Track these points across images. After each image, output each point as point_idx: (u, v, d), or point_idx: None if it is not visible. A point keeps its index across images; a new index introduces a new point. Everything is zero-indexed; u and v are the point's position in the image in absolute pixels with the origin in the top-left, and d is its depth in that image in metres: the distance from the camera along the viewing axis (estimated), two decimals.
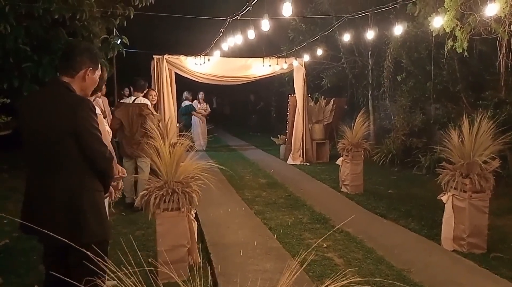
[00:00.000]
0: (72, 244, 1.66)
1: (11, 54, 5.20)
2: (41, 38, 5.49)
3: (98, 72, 2.36)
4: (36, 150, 2.22)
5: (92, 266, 1.60)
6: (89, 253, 1.94)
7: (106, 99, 6.76)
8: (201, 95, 11.89)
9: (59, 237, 2.07)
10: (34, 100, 2.32)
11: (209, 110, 12.23)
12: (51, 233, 1.74)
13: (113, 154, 2.76)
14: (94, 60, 2.32)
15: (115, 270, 1.39)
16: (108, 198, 3.10)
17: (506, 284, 3.39)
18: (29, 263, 3.83)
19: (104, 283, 1.54)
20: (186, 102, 11.38)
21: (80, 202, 2.15)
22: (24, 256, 3.98)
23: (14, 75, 5.32)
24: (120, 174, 2.84)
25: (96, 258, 1.62)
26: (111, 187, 2.61)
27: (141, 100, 5.68)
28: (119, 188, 2.93)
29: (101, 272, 1.63)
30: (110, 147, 2.75)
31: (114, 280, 1.39)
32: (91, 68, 2.30)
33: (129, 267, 1.42)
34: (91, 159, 2.20)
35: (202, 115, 11.68)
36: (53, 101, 2.20)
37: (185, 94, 11.38)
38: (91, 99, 2.95)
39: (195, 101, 11.80)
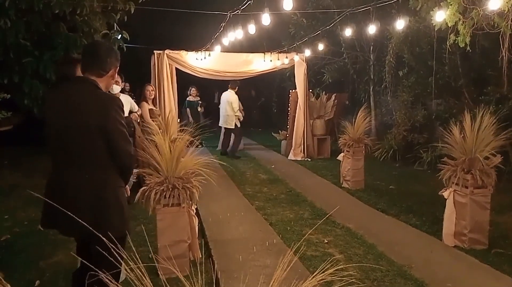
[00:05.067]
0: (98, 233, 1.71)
1: (11, 49, 5.18)
2: (41, 33, 5.47)
3: None
4: (64, 145, 2.29)
5: (111, 258, 1.66)
6: (110, 245, 1.96)
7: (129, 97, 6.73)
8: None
9: (81, 229, 2.10)
10: (63, 95, 2.35)
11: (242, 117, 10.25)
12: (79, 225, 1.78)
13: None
14: (118, 57, 2.44)
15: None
16: None
17: (508, 280, 3.38)
18: (30, 259, 3.83)
19: (119, 276, 1.57)
20: (190, 98, 11.05)
21: (105, 198, 2.27)
22: (25, 251, 3.99)
23: (15, 70, 5.30)
24: None
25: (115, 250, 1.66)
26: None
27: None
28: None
29: (118, 264, 1.71)
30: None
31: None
32: (117, 66, 2.43)
33: (130, 263, 1.42)
34: (116, 156, 2.30)
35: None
36: (84, 98, 2.28)
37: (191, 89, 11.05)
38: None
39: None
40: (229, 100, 9.48)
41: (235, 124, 9.63)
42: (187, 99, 11.03)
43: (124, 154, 2.33)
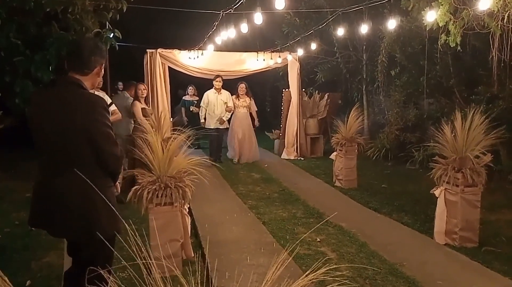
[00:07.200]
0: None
1: (2, 49, 5.13)
2: (33, 33, 5.42)
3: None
4: (50, 147, 2.26)
5: (102, 258, 1.65)
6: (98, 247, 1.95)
7: (104, 93, 6.67)
8: (240, 87, 8.83)
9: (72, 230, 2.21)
10: (47, 97, 2.32)
11: (255, 107, 9.31)
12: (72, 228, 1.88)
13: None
14: (103, 55, 2.40)
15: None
16: None
17: (498, 278, 3.42)
18: (22, 260, 3.81)
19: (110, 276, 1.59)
20: (186, 97, 10.59)
21: (94, 200, 2.20)
22: (17, 253, 3.96)
23: (6, 70, 5.25)
24: None
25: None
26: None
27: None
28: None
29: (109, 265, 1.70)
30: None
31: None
32: (103, 64, 2.39)
33: (122, 262, 1.42)
34: (102, 158, 2.26)
35: (238, 110, 8.85)
36: (67, 99, 2.24)
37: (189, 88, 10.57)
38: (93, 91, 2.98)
39: (233, 96, 8.80)
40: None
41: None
42: (183, 98, 10.68)
43: (110, 156, 2.29)
